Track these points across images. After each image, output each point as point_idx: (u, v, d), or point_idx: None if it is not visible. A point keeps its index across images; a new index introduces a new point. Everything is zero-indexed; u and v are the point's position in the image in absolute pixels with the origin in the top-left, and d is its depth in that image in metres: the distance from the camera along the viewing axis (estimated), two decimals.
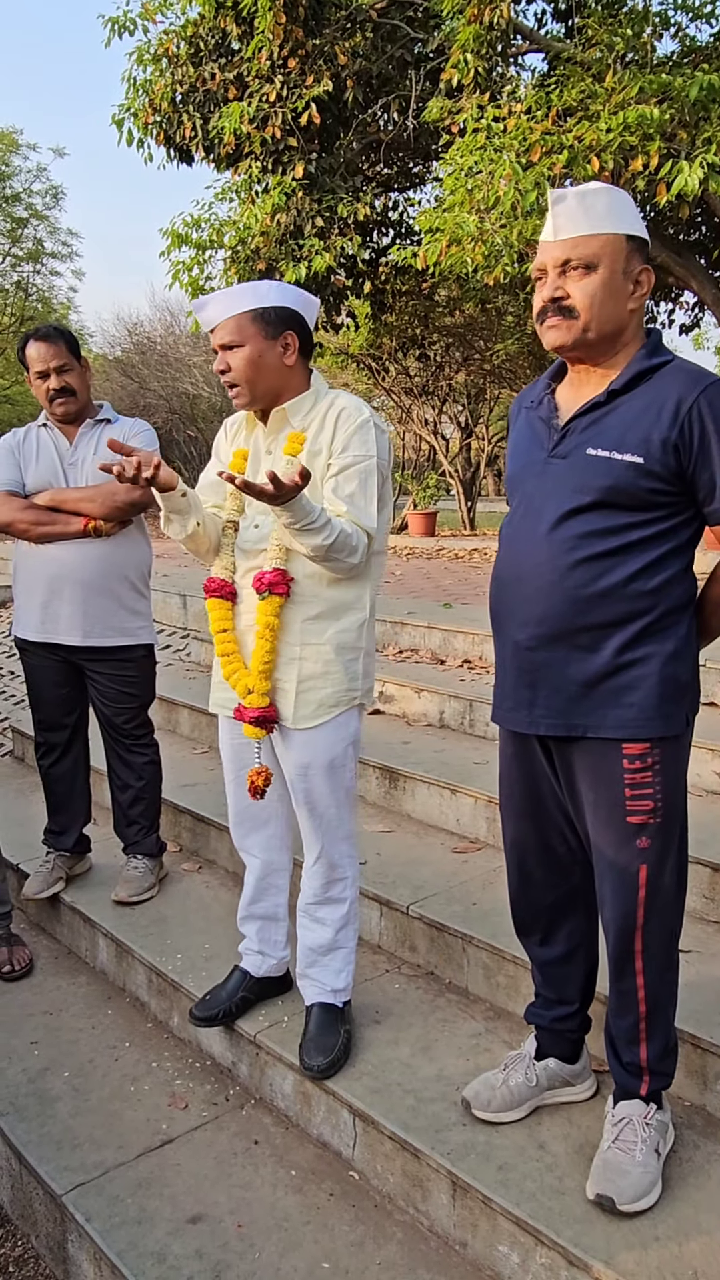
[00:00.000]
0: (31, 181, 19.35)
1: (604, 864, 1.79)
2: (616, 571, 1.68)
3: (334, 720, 2.12)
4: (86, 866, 3.29)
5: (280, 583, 2.06)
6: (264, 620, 2.07)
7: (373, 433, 2.07)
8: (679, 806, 1.77)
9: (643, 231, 1.73)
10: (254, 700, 2.09)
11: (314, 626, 2.09)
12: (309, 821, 2.19)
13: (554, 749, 1.83)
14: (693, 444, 1.65)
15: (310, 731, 2.12)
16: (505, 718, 1.86)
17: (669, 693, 1.71)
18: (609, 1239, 1.69)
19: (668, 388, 1.68)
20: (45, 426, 3.00)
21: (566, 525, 1.71)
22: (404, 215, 9.55)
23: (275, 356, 2.06)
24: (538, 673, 1.77)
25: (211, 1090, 2.37)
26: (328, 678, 2.10)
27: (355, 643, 2.13)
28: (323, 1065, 2.15)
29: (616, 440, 1.68)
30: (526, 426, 1.86)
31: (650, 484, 1.66)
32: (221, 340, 2.05)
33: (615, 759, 1.72)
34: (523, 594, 1.77)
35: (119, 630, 2.99)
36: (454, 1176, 1.87)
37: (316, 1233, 1.92)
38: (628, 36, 6.44)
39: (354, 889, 2.26)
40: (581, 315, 1.70)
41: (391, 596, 6.26)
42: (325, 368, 14.11)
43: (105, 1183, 2.05)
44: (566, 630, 1.72)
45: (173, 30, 7.88)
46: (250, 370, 2.05)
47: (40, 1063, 2.47)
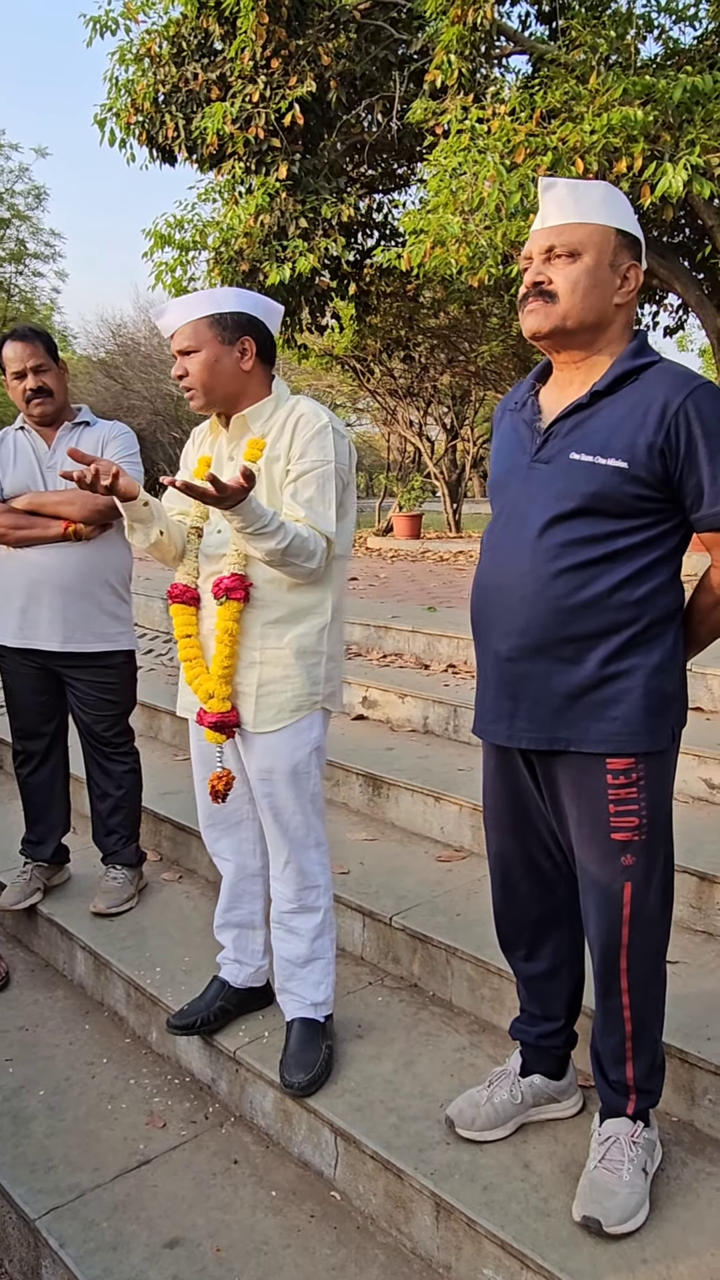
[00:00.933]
0: (13, 182, 19.26)
1: (588, 880, 1.75)
2: (601, 581, 1.64)
3: (295, 725, 2.09)
4: (65, 877, 3.24)
5: (238, 588, 2.04)
6: (222, 625, 2.05)
7: (331, 438, 2.05)
8: (664, 823, 1.73)
9: (635, 230, 1.69)
10: (214, 705, 2.08)
11: (274, 631, 2.07)
12: (274, 828, 2.16)
13: (537, 763, 1.78)
14: (679, 449, 1.60)
15: (271, 736, 2.09)
16: (486, 730, 1.82)
17: (654, 706, 1.66)
18: (595, 1262, 1.65)
19: (653, 390, 1.63)
20: (23, 429, 2.95)
21: (550, 533, 1.66)
22: (389, 217, 9.53)
23: (232, 362, 2.06)
24: (519, 684, 1.72)
25: (190, 1108, 2.32)
26: (288, 681, 2.08)
27: (316, 647, 2.11)
28: (304, 1082, 2.10)
29: (601, 444, 1.63)
30: (510, 430, 1.82)
31: (635, 490, 1.61)
32: (179, 346, 2.06)
33: (599, 774, 1.68)
34: (504, 603, 1.72)
35: (99, 635, 2.94)
36: (437, 1197, 1.83)
37: (297, 1256, 1.87)
38: (611, 38, 6.43)
39: (328, 897, 2.22)
40: (561, 301, 1.66)
41: (375, 600, 6.22)
42: (310, 369, 14.09)
43: (80, 1206, 2.00)
44: (549, 641, 1.67)
45: (155, 30, 7.82)
46: (206, 375, 2.05)
47: (15, 1081, 2.41)
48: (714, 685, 3.69)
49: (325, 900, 2.21)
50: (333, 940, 2.25)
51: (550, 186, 1.68)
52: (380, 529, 13.35)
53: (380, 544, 11.53)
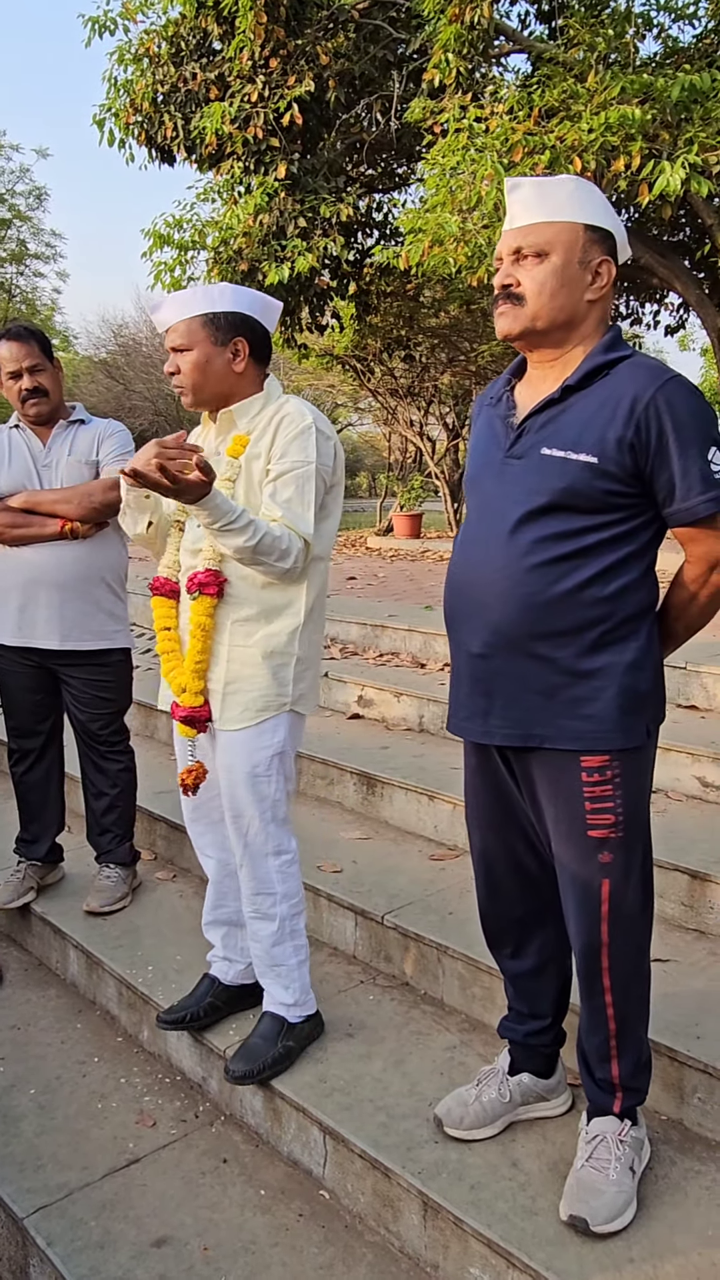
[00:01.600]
0: (14, 183, 19.26)
1: (566, 877, 1.74)
2: (572, 576, 1.62)
3: (259, 726, 2.08)
4: (59, 876, 3.24)
5: (211, 583, 2.04)
6: (196, 620, 2.05)
7: (313, 439, 2.04)
8: (642, 820, 1.72)
9: (608, 223, 1.68)
10: (186, 699, 2.08)
11: (243, 628, 2.07)
12: (233, 828, 2.15)
13: (513, 760, 1.78)
14: (649, 443, 1.59)
15: (234, 734, 2.09)
16: (460, 727, 1.81)
17: (628, 704, 1.65)
18: (582, 1262, 1.65)
19: (624, 384, 1.62)
20: (18, 428, 2.95)
21: (522, 529, 1.65)
22: (388, 216, 9.52)
23: (223, 362, 2.06)
24: (492, 681, 1.72)
25: (181, 1107, 2.32)
26: (253, 681, 2.07)
27: (286, 648, 2.09)
28: (240, 1072, 2.12)
29: (572, 440, 1.62)
30: (486, 425, 1.81)
31: (606, 485, 1.60)
32: (172, 342, 2.06)
33: (574, 772, 1.67)
34: (477, 599, 1.71)
35: (96, 633, 2.94)
36: (425, 1196, 1.82)
37: (285, 1255, 1.87)
38: (610, 37, 6.43)
39: (286, 906, 2.17)
40: (530, 303, 1.66)
41: (373, 599, 6.22)
42: (310, 369, 14.08)
43: (69, 1205, 2.00)
44: (521, 637, 1.66)
45: (153, 30, 7.83)
46: (197, 374, 2.06)
47: (6, 1079, 2.41)
48: (709, 684, 3.69)
49: (283, 909, 2.17)
50: (298, 948, 2.22)
51: (515, 187, 1.67)
52: (381, 529, 13.34)
53: (380, 543, 11.53)
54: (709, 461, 1.60)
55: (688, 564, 1.70)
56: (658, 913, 2.59)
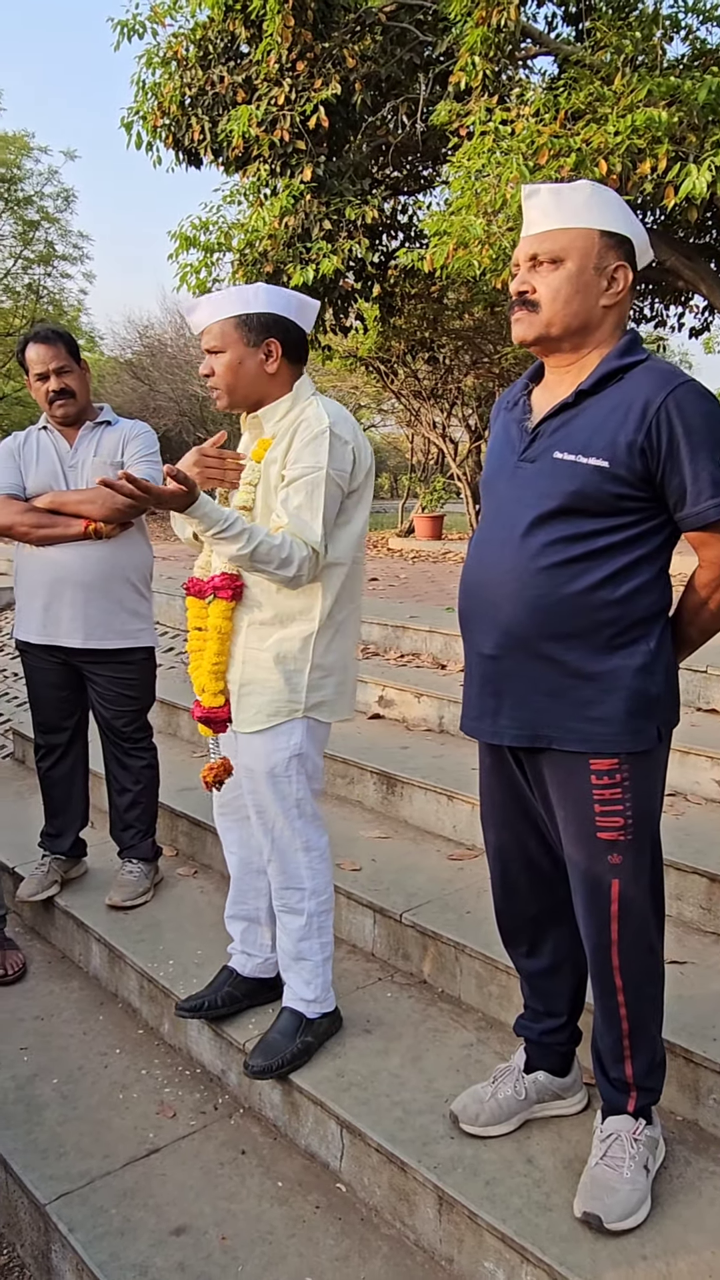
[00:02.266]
0: (43, 184, 19.40)
1: (577, 877, 1.76)
2: (582, 579, 1.64)
3: (274, 729, 2.09)
4: (82, 870, 3.28)
5: (225, 586, 2.07)
6: (213, 622, 2.09)
7: (327, 443, 2.01)
8: (652, 822, 1.73)
9: (625, 229, 1.68)
10: (206, 699, 2.11)
11: (258, 632, 2.09)
12: (258, 824, 2.18)
13: (525, 760, 1.80)
14: (660, 448, 1.60)
15: (251, 736, 2.12)
16: (471, 727, 1.83)
17: (637, 707, 1.66)
18: (595, 1258, 1.66)
19: (636, 389, 1.63)
20: (45, 429, 3.00)
21: (534, 532, 1.67)
22: (413, 218, 9.54)
23: (256, 364, 2.07)
24: (502, 682, 1.73)
25: (200, 1099, 2.36)
26: (266, 685, 2.08)
27: (299, 654, 2.08)
28: (258, 1067, 2.15)
29: (583, 443, 1.64)
30: (502, 429, 1.83)
31: (617, 489, 1.61)
32: (207, 344, 2.08)
33: (583, 774, 1.69)
34: (489, 600, 1.73)
35: (120, 632, 2.98)
36: (440, 1190, 1.85)
37: (301, 1246, 1.90)
38: (637, 39, 6.41)
39: (315, 902, 2.20)
40: (543, 309, 1.68)
41: (395, 600, 6.24)
42: (334, 370, 14.12)
43: (90, 1192, 2.03)
44: (530, 639, 1.68)
45: (181, 33, 7.88)
46: (230, 376, 2.07)
47: (29, 1069, 2.46)
48: None
49: (312, 905, 2.20)
50: (324, 944, 2.24)
51: (533, 194, 1.69)
52: (403, 530, 13.36)
53: (402, 545, 11.55)
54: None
55: (700, 568, 1.72)
56: (676, 915, 2.60)
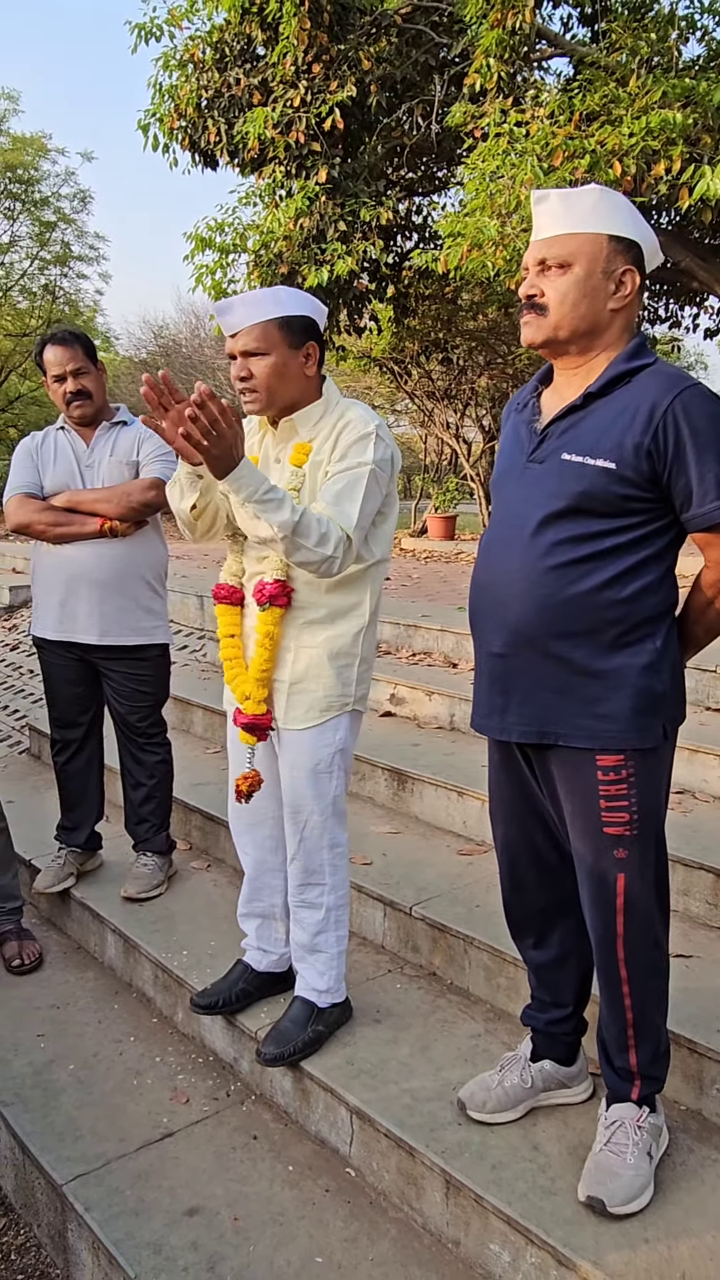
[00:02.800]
0: (60, 185, 19.52)
1: (583, 871, 1.80)
2: (589, 578, 1.67)
3: (322, 725, 2.14)
4: (98, 863, 3.34)
5: (280, 594, 2.08)
6: (264, 629, 2.10)
7: (373, 443, 2.05)
8: (657, 819, 1.77)
9: (634, 233, 1.71)
10: (249, 706, 2.13)
11: (310, 630, 2.12)
12: (291, 823, 2.22)
13: (532, 756, 1.84)
14: (667, 450, 1.63)
15: (299, 733, 2.15)
16: (480, 724, 1.87)
17: (643, 705, 1.70)
18: (598, 1240, 1.70)
19: (643, 392, 1.67)
20: (63, 429, 3.05)
21: (541, 532, 1.70)
22: (428, 219, 9.57)
23: (298, 366, 2.07)
24: (510, 679, 1.77)
25: (213, 1085, 2.40)
26: (319, 681, 2.12)
27: (350, 649, 2.14)
28: (270, 1055, 2.19)
29: (591, 445, 1.67)
30: (513, 431, 1.87)
31: (623, 490, 1.65)
32: (245, 346, 2.03)
33: (589, 770, 1.72)
34: (497, 599, 1.77)
35: (134, 629, 3.04)
36: (447, 1175, 1.89)
37: (311, 1227, 1.94)
38: (652, 40, 6.43)
39: (334, 896, 2.25)
40: (552, 313, 1.71)
41: (407, 600, 6.28)
42: (348, 371, 14.16)
43: (105, 1174, 2.08)
44: (537, 637, 1.72)
45: (198, 36, 7.94)
46: (274, 379, 2.05)
47: (46, 1055, 2.51)
48: None
49: (331, 899, 2.24)
50: (339, 938, 2.29)
51: (542, 199, 1.72)
52: (415, 530, 13.39)
53: (415, 545, 11.57)
54: None
55: (706, 568, 1.75)
56: (683, 910, 2.63)
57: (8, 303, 20.46)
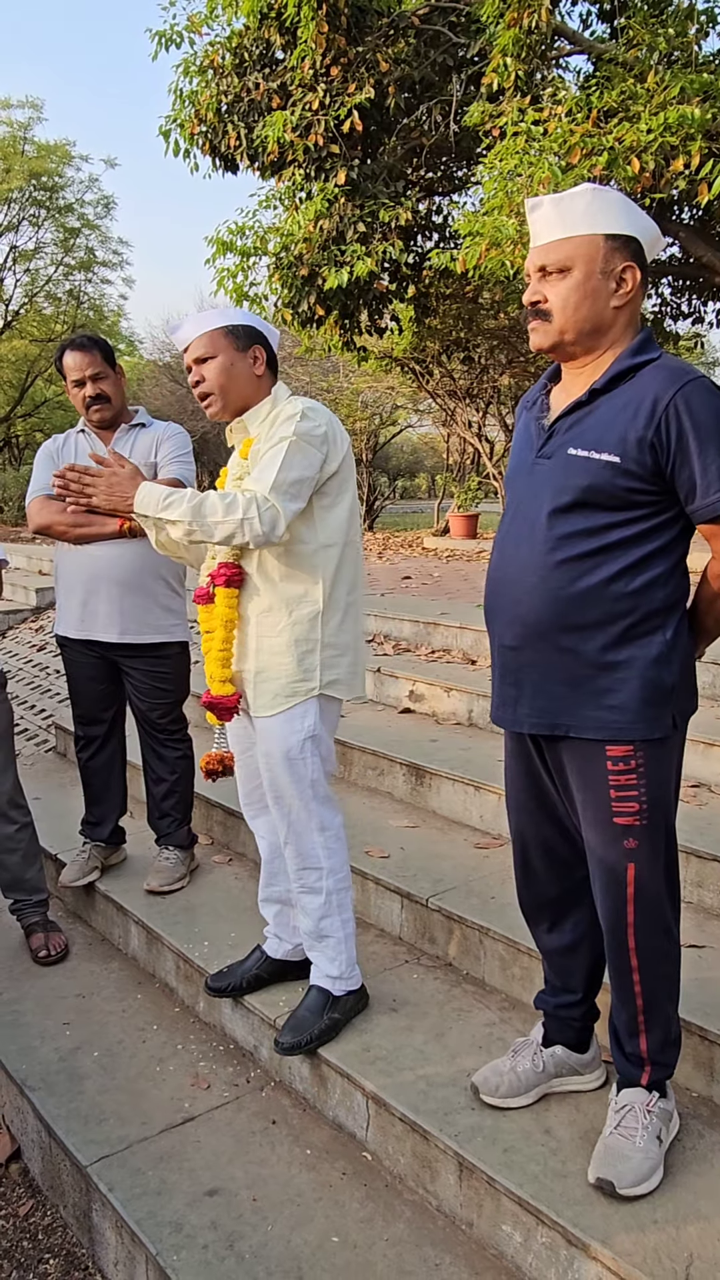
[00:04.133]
0: (83, 192, 19.75)
1: (594, 861, 1.83)
2: (598, 572, 1.70)
3: (288, 712, 2.19)
4: (121, 857, 3.40)
5: (221, 574, 2.16)
6: (217, 612, 2.19)
7: (297, 420, 2.09)
8: (667, 809, 1.79)
9: (630, 228, 1.73)
10: (215, 688, 2.21)
11: (268, 619, 2.19)
12: (275, 810, 2.27)
13: (545, 747, 1.87)
14: (669, 443, 1.66)
15: (268, 720, 2.21)
16: (497, 715, 1.91)
17: (652, 696, 1.72)
18: (607, 1220, 1.73)
19: (646, 386, 1.69)
20: (83, 432, 3.12)
21: (551, 526, 1.74)
22: (447, 219, 9.59)
23: (246, 367, 2.19)
24: (522, 672, 1.81)
25: (233, 1072, 2.45)
26: (280, 669, 2.18)
27: (309, 635, 2.18)
28: (287, 1044, 2.24)
29: (595, 440, 1.70)
30: (523, 428, 1.90)
31: (628, 483, 1.68)
32: (196, 354, 2.18)
33: (600, 761, 1.76)
34: (509, 594, 1.81)
35: (154, 627, 3.09)
36: (461, 1158, 1.92)
37: (328, 1209, 1.99)
38: (670, 36, 6.41)
39: (333, 880, 2.28)
40: (556, 318, 1.74)
41: (427, 598, 6.31)
42: (370, 371, 14.20)
43: (128, 1156, 2.14)
44: (547, 630, 1.75)
45: (218, 42, 8.02)
46: (223, 378, 2.17)
47: (71, 1042, 2.57)
48: None
49: (329, 883, 2.28)
50: (345, 921, 2.33)
51: (536, 206, 1.75)
52: (438, 529, 13.41)
53: (437, 544, 11.60)
54: None
55: (713, 560, 1.77)
56: (697, 902, 2.65)
57: (33, 308, 20.70)
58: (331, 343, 9.60)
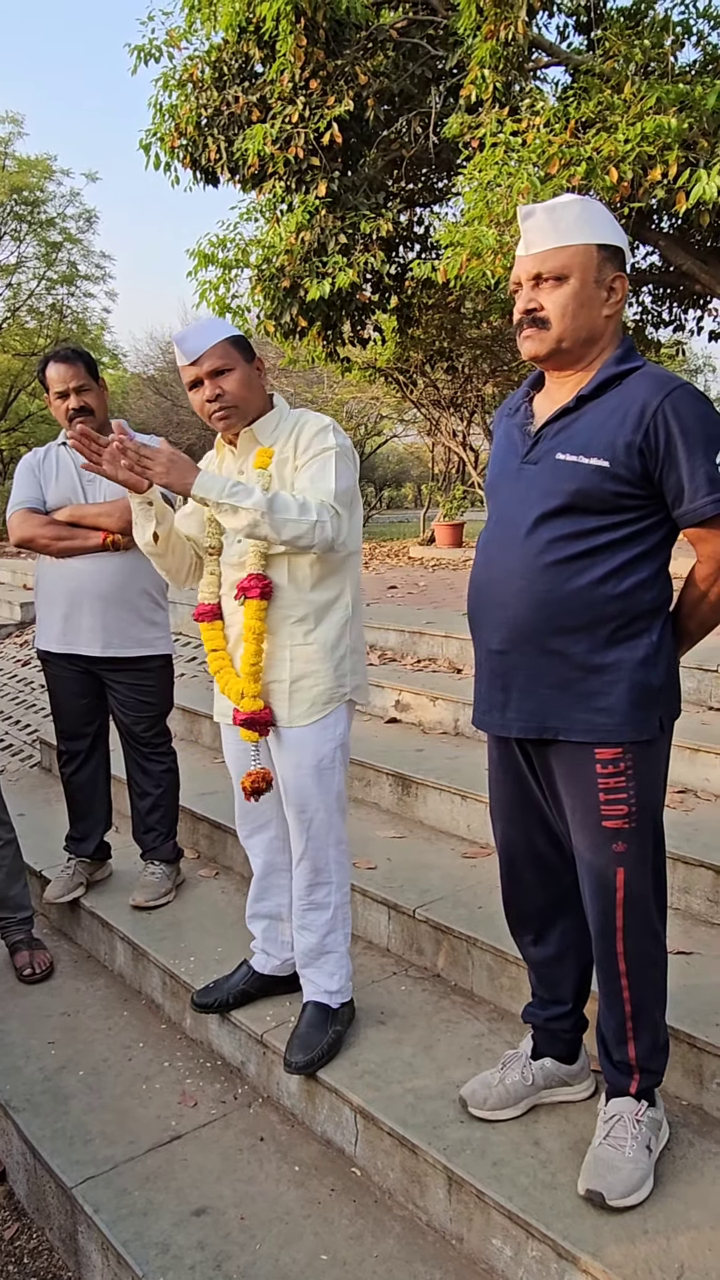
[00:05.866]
0: (65, 206, 19.72)
1: (583, 865, 1.82)
2: (585, 575, 1.71)
3: (323, 720, 2.19)
4: (107, 873, 3.37)
5: (253, 586, 2.13)
6: (247, 624, 2.15)
7: (333, 432, 2.16)
8: (655, 812, 1.79)
9: (618, 239, 1.75)
10: (246, 704, 2.17)
11: (300, 628, 2.17)
12: (297, 823, 2.25)
13: (532, 752, 1.86)
14: (658, 448, 1.67)
15: (302, 730, 2.19)
16: (481, 720, 1.90)
17: (640, 698, 1.73)
18: (598, 1232, 1.72)
19: (634, 392, 1.71)
20: (65, 445, 3.10)
21: (537, 530, 1.74)
22: (429, 230, 9.63)
23: (256, 378, 2.19)
24: (509, 675, 1.81)
25: (221, 1089, 2.43)
26: (318, 676, 2.18)
27: (340, 641, 2.21)
28: (301, 1062, 2.21)
29: (584, 444, 1.71)
30: (505, 435, 1.90)
31: (616, 487, 1.68)
32: (213, 366, 2.12)
33: (588, 764, 1.75)
34: (495, 598, 1.81)
35: (137, 641, 3.08)
36: (450, 1171, 1.91)
37: (317, 1226, 1.96)
38: (646, 47, 6.47)
39: (340, 894, 2.29)
40: (554, 326, 1.75)
41: (413, 607, 6.31)
42: (353, 382, 14.23)
43: (114, 1176, 2.11)
44: (535, 633, 1.75)
45: (197, 56, 8.04)
46: (244, 390, 2.15)
47: (57, 1061, 2.54)
48: None
49: (337, 897, 2.29)
50: (346, 935, 2.33)
51: (529, 215, 1.75)
52: (424, 539, 13.42)
53: (423, 553, 11.60)
54: (715, 464, 1.67)
55: (698, 563, 1.78)
56: (684, 908, 2.65)
57: (16, 323, 20.66)
58: (315, 354, 9.62)
